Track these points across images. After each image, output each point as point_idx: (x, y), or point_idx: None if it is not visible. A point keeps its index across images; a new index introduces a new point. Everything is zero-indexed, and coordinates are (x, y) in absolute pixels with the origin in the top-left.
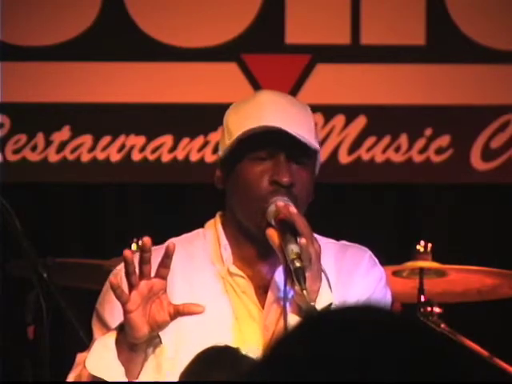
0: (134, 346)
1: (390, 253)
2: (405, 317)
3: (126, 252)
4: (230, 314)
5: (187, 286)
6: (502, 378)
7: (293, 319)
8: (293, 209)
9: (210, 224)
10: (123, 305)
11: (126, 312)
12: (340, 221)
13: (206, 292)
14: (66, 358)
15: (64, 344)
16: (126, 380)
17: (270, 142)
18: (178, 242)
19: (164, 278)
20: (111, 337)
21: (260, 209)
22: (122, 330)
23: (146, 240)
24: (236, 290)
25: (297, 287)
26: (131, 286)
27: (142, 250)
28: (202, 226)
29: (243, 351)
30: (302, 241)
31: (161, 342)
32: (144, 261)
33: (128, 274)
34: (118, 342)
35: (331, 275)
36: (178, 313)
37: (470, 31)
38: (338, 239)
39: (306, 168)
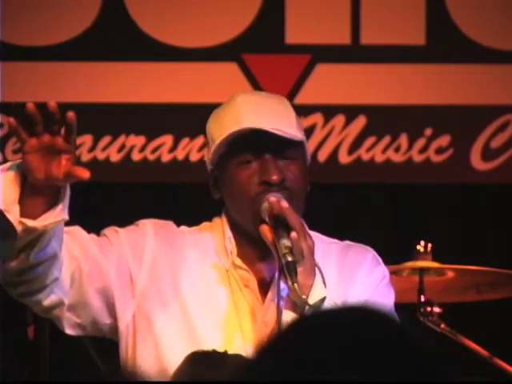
0: (34, 187)
1: (390, 253)
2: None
3: (30, 104)
4: (232, 307)
5: (192, 274)
6: (502, 378)
7: (287, 316)
8: (284, 203)
9: (216, 218)
10: (21, 145)
11: (22, 152)
12: (340, 221)
13: (210, 283)
14: (66, 358)
15: (64, 344)
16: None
17: (252, 143)
18: (187, 232)
19: (70, 142)
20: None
21: (254, 211)
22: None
23: (53, 104)
24: (239, 283)
25: (289, 281)
26: (36, 134)
27: (51, 113)
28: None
29: (231, 353)
30: (293, 234)
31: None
32: (52, 120)
33: (34, 124)
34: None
35: (333, 275)
36: (68, 176)
37: (470, 31)
38: (338, 239)
39: (294, 161)
